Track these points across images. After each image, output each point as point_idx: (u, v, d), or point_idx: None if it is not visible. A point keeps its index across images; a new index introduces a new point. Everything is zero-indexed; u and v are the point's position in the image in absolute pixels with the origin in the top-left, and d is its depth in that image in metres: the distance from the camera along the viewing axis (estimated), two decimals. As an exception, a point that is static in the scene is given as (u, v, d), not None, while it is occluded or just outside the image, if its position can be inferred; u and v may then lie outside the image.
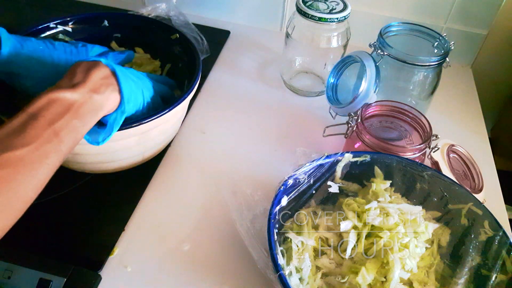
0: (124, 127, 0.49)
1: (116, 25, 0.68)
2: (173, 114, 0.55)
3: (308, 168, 0.54)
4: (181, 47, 0.66)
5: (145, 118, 0.51)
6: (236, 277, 0.52)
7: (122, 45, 0.69)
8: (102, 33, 0.67)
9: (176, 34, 0.66)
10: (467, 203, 0.53)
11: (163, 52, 0.69)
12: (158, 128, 0.55)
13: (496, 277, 0.48)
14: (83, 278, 0.49)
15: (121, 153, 0.56)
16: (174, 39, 0.66)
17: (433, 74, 0.68)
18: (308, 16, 0.70)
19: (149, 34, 0.69)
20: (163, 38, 0.68)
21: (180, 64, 0.67)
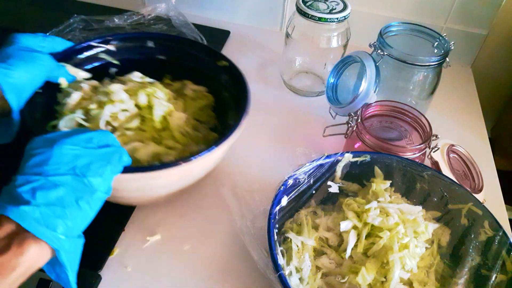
0: (161, 168, 0.46)
1: (161, 46, 0.65)
2: (219, 152, 0.50)
3: (308, 168, 0.54)
4: (229, 75, 0.61)
5: (187, 157, 0.47)
6: (236, 277, 0.52)
7: (165, 68, 0.65)
8: (146, 54, 0.65)
9: (224, 61, 0.62)
10: (467, 203, 0.53)
11: (208, 79, 0.64)
12: (201, 165, 0.51)
13: (496, 277, 0.48)
14: (83, 278, 0.49)
15: (161, 189, 0.52)
16: (222, 66, 0.62)
17: (433, 74, 0.68)
18: (308, 16, 0.70)
19: (195, 58, 0.64)
20: (209, 63, 0.63)
21: (225, 94, 0.62)
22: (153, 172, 0.46)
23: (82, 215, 0.39)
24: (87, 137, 0.42)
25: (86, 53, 0.62)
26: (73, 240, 0.39)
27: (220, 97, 0.63)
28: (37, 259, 0.37)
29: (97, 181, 0.40)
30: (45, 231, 0.36)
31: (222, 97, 0.62)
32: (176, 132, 0.56)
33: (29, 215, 0.36)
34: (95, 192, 0.40)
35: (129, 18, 0.89)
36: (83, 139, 0.41)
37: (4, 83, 0.47)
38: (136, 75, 0.60)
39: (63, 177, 0.38)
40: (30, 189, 0.37)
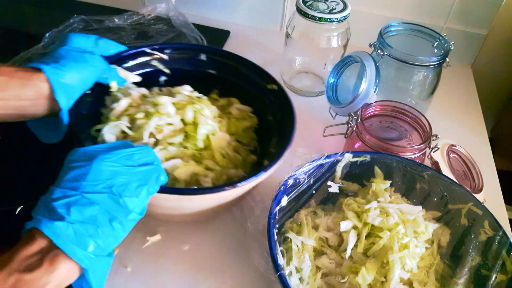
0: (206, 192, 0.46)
1: (213, 61, 0.64)
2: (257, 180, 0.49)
3: (308, 168, 0.54)
4: (276, 99, 0.60)
5: (223, 186, 0.46)
6: (236, 277, 0.52)
7: (214, 82, 0.65)
8: (197, 67, 0.64)
9: (274, 85, 0.60)
10: (467, 203, 0.53)
11: (254, 99, 0.63)
12: (238, 192, 0.50)
13: (496, 277, 0.48)
14: (83, 278, 0.49)
15: (190, 210, 0.51)
16: (271, 89, 0.61)
17: (433, 74, 0.68)
18: (308, 16, 0.70)
19: (245, 77, 0.63)
20: (258, 85, 0.62)
21: (270, 117, 0.61)
22: (192, 196, 0.46)
23: (114, 235, 0.39)
24: (128, 154, 0.41)
25: (138, 59, 0.61)
26: (102, 259, 0.38)
27: (264, 119, 0.62)
28: (67, 276, 0.36)
29: (133, 202, 0.40)
30: (77, 250, 0.36)
31: (267, 120, 0.61)
32: (217, 153, 0.55)
33: (62, 231, 0.35)
34: (129, 213, 0.40)
35: (129, 18, 0.89)
36: (123, 155, 0.41)
37: (56, 83, 0.47)
38: (186, 89, 0.59)
39: (99, 195, 0.38)
40: (66, 204, 0.37)
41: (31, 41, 0.81)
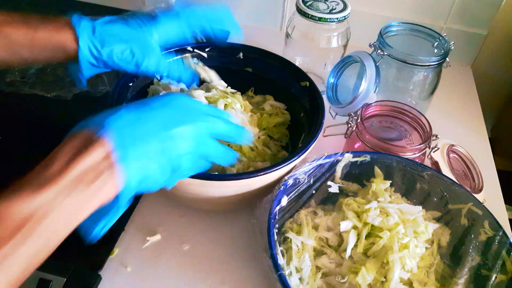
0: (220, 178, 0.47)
1: (250, 59, 0.66)
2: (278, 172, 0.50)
3: (308, 168, 0.54)
4: (308, 96, 0.61)
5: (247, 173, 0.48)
6: (236, 277, 0.52)
7: (250, 80, 0.67)
8: (235, 65, 0.66)
9: (306, 82, 0.62)
10: (467, 203, 0.53)
11: (288, 97, 0.65)
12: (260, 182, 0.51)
13: (496, 277, 0.48)
14: (83, 278, 0.49)
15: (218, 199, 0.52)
16: (304, 86, 0.62)
17: (433, 74, 0.68)
18: (308, 16, 0.70)
19: (280, 74, 0.65)
20: (292, 82, 0.64)
21: (302, 114, 0.62)
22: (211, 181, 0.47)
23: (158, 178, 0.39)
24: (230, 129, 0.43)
25: (178, 56, 0.63)
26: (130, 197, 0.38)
27: (297, 116, 0.64)
28: (109, 197, 0.36)
29: (184, 167, 0.40)
30: (134, 165, 0.36)
31: (299, 117, 0.63)
32: (243, 145, 0.56)
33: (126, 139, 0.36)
34: (175, 172, 0.40)
35: (129, 18, 0.89)
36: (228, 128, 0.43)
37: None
38: (221, 84, 0.61)
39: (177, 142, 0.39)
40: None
41: (31, 41, 0.81)
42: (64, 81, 0.76)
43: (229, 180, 0.48)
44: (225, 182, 0.48)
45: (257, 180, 0.49)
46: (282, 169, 0.50)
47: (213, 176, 0.47)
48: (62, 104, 0.73)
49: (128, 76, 0.58)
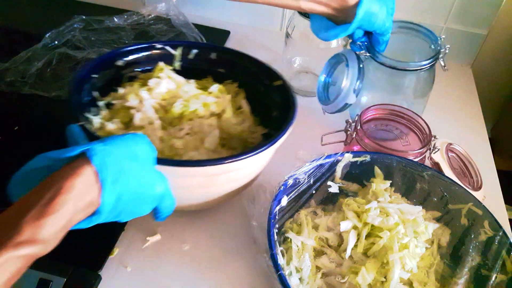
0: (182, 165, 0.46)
1: (222, 60, 0.65)
2: (244, 164, 0.48)
3: (308, 168, 0.54)
4: (280, 95, 0.60)
5: (210, 161, 0.48)
6: (236, 277, 0.52)
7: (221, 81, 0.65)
8: (207, 65, 0.65)
9: (280, 81, 0.60)
10: (467, 203, 0.53)
11: (262, 97, 0.63)
12: (228, 175, 0.50)
13: (496, 277, 0.48)
14: (83, 278, 0.49)
15: (180, 191, 0.48)
16: (277, 85, 0.61)
17: (426, 76, 0.67)
18: (308, 16, 0.70)
19: (253, 75, 0.64)
20: (265, 82, 0.62)
21: (274, 113, 0.61)
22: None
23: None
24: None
25: (147, 52, 0.62)
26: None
27: (270, 115, 0.62)
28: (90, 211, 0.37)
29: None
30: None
31: (272, 116, 0.61)
32: (186, 124, 0.56)
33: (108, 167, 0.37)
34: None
35: (129, 18, 0.89)
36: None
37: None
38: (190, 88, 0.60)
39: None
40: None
41: (31, 41, 0.81)
42: (64, 81, 0.76)
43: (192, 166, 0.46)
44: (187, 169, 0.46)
45: (221, 168, 0.47)
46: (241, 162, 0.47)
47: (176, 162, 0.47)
48: (62, 104, 0.73)
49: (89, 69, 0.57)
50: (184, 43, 0.65)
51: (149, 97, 0.57)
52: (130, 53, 0.61)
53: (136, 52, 0.61)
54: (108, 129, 0.53)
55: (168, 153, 0.53)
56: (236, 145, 0.59)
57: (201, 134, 0.56)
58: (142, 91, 0.57)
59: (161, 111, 0.57)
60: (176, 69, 0.64)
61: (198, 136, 0.56)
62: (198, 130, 0.56)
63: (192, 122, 0.56)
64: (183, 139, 0.55)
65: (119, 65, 0.60)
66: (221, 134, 0.57)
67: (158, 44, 0.63)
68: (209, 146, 0.55)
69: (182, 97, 0.58)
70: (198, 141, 0.55)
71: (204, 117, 0.57)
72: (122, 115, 0.55)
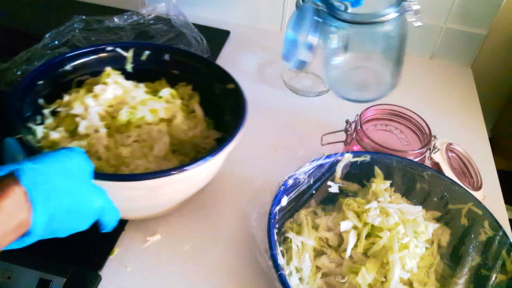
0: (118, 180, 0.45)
1: (176, 61, 0.64)
2: (190, 175, 0.47)
3: (308, 168, 0.54)
4: (233, 98, 0.59)
5: (152, 174, 0.46)
6: (236, 277, 0.52)
7: (177, 84, 0.64)
8: (161, 66, 0.64)
9: (232, 84, 0.59)
10: (467, 203, 0.53)
11: (216, 99, 0.62)
12: (172, 186, 0.49)
13: (496, 277, 0.48)
14: (83, 278, 0.49)
15: (125, 202, 0.48)
16: (230, 88, 0.60)
17: (393, 34, 0.61)
18: (308, 16, 0.70)
19: (207, 77, 0.63)
20: (218, 84, 0.61)
21: (227, 117, 0.59)
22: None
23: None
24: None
25: (99, 55, 0.61)
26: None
27: (223, 119, 0.61)
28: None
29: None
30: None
31: (225, 120, 0.60)
32: (134, 133, 0.54)
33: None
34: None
35: (129, 18, 0.89)
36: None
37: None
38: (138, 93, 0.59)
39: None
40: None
41: (31, 41, 0.81)
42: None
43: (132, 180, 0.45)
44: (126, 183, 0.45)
45: (162, 181, 0.45)
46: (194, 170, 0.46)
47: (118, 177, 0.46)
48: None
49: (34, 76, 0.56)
50: (135, 44, 0.63)
51: (95, 104, 0.55)
52: (78, 57, 0.60)
53: (84, 55, 0.60)
54: (52, 139, 0.52)
55: (114, 162, 0.52)
56: (188, 151, 0.58)
57: (150, 141, 0.54)
58: (88, 98, 0.55)
59: (108, 118, 0.55)
60: (128, 71, 0.63)
61: (147, 143, 0.54)
62: (147, 137, 0.54)
63: (140, 129, 0.55)
64: (131, 146, 0.53)
65: (68, 70, 0.59)
66: (172, 140, 0.56)
67: (109, 47, 0.61)
68: (158, 153, 0.54)
69: (129, 103, 0.56)
70: (147, 148, 0.54)
71: (153, 124, 0.56)
72: (67, 123, 0.54)
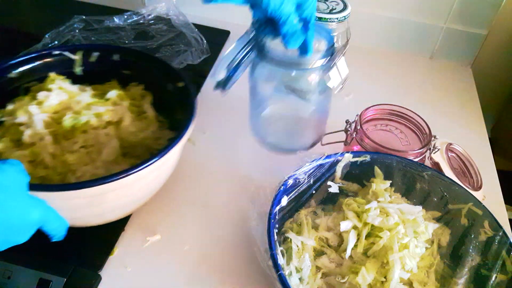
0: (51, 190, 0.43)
1: (126, 61, 0.63)
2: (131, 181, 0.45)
3: (308, 168, 0.54)
4: (183, 97, 0.57)
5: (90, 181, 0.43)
6: (236, 277, 0.52)
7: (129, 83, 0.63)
8: (111, 67, 0.63)
9: (182, 82, 0.58)
10: (467, 203, 0.53)
11: (169, 98, 0.60)
12: (115, 192, 0.47)
13: (496, 277, 0.48)
14: (83, 278, 0.49)
15: (69, 212, 0.46)
16: (180, 87, 0.58)
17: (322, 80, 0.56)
18: (308, 16, 0.70)
19: (157, 76, 0.61)
20: (168, 83, 0.60)
21: (179, 116, 0.58)
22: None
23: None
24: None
25: (45, 60, 0.60)
26: None
27: (175, 118, 0.59)
28: None
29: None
30: None
31: (177, 119, 0.58)
32: (81, 139, 0.53)
33: None
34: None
35: (129, 18, 0.89)
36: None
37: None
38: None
39: None
40: None
41: (31, 41, 0.81)
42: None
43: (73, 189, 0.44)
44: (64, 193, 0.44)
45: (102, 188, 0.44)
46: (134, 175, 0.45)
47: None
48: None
49: None
50: (83, 47, 0.63)
51: (38, 111, 0.54)
52: (23, 63, 0.59)
53: (30, 61, 0.59)
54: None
55: (61, 169, 0.51)
56: (140, 153, 0.57)
57: (98, 145, 0.54)
58: (32, 106, 0.54)
59: (53, 125, 0.54)
60: (78, 74, 0.62)
61: (95, 148, 0.53)
62: (94, 141, 0.54)
63: (87, 134, 0.54)
64: (78, 153, 0.52)
65: (13, 77, 0.58)
66: (122, 143, 0.55)
67: (55, 51, 0.60)
68: (107, 157, 0.53)
69: (74, 108, 0.55)
70: (95, 153, 0.53)
71: (100, 127, 0.55)
72: (12, 132, 0.53)
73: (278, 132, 0.64)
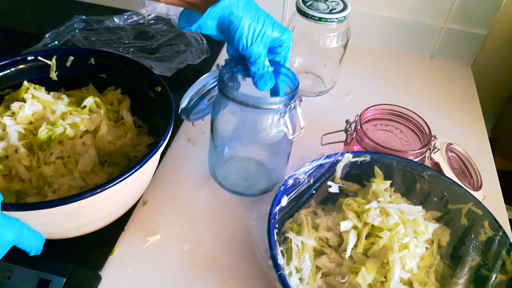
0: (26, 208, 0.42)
1: (102, 65, 0.61)
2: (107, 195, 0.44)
3: (308, 168, 0.54)
4: (162, 102, 0.55)
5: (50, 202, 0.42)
6: (236, 277, 0.52)
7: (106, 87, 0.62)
8: (87, 71, 0.61)
9: (159, 86, 0.56)
10: (467, 203, 0.53)
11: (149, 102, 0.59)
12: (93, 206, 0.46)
13: (496, 277, 0.48)
14: (83, 278, 0.49)
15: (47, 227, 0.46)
16: (159, 91, 0.57)
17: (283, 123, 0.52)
18: (308, 16, 0.70)
19: (134, 79, 0.60)
20: (146, 87, 0.59)
21: (157, 122, 0.56)
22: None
23: None
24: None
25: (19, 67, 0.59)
26: None
27: (154, 123, 0.58)
28: None
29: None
30: None
31: (156, 124, 0.57)
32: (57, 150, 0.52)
33: None
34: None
35: (129, 18, 0.89)
36: None
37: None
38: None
39: None
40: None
41: (31, 41, 0.81)
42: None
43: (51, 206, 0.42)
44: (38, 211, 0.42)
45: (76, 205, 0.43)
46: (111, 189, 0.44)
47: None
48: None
49: None
50: (57, 51, 0.61)
51: (12, 123, 0.53)
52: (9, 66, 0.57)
53: (2, 69, 0.57)
54: None
55: (37, 182, 0.50)
56: (119, 161, 0.56)
57: (75, 156, 0.53)
58: (5, 117, 0.53)
59: (29, 136, 0.53)
60: (54, 79, 0.61)
61: (72, 159, 0.52)
62: (71, 152, 0.53)
63: (63, 144, 0.53)
64: (54, 164, 0.51)
65: None
66: (99, 152, 0.55)
67: (29, 56, 0.59)
68: (84, 167, 0.52)
69: (49, 118, 0.54)
70: (72, 164, 0.52)
71: (77, 137, 0.54)
72: None
73: (235, 175, 0.62)
